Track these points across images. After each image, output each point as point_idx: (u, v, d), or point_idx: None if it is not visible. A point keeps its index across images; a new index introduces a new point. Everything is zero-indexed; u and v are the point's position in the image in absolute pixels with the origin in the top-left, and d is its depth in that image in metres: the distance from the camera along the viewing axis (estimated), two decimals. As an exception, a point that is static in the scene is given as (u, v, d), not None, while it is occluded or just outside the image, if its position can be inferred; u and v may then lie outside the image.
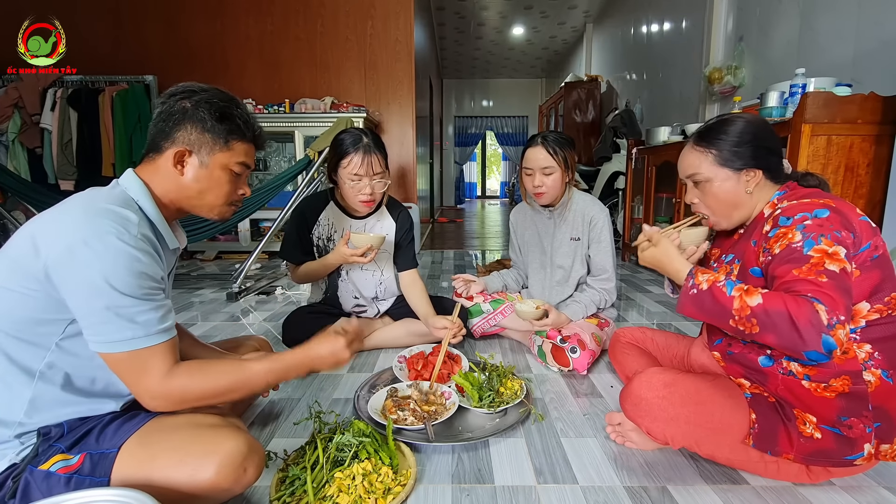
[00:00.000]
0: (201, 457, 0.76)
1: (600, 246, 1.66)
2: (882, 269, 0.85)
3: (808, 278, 0.78)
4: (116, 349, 0.74)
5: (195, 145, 0.86)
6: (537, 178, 1.60)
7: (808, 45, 2.57)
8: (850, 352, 0.86)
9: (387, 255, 1.75)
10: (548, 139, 1.59)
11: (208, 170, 0.87)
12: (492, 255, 4.15)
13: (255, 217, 3.72)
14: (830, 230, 0.82)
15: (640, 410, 0.93)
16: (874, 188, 1.86)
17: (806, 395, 0.89)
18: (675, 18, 4.13)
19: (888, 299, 0.86)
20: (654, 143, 3.19)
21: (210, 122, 0.85)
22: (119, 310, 0.73)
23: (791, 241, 0.83)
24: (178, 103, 0.85)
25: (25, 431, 0.77)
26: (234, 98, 0.91)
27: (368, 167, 1.51)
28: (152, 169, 0.87)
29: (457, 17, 6.94)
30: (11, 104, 3.64)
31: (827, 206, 0.86)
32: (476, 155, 12.92)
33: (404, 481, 0.95)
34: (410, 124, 4.28)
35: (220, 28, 4.09)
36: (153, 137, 0.87)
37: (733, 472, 1.02)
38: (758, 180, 0.97)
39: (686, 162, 1.03)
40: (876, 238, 0.86)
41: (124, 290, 0.73)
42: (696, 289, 0.88)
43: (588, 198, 1.71)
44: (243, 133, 0.90)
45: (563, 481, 1.00)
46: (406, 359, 1.52)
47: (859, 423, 0.86)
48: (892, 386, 0.86)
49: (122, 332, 0.74)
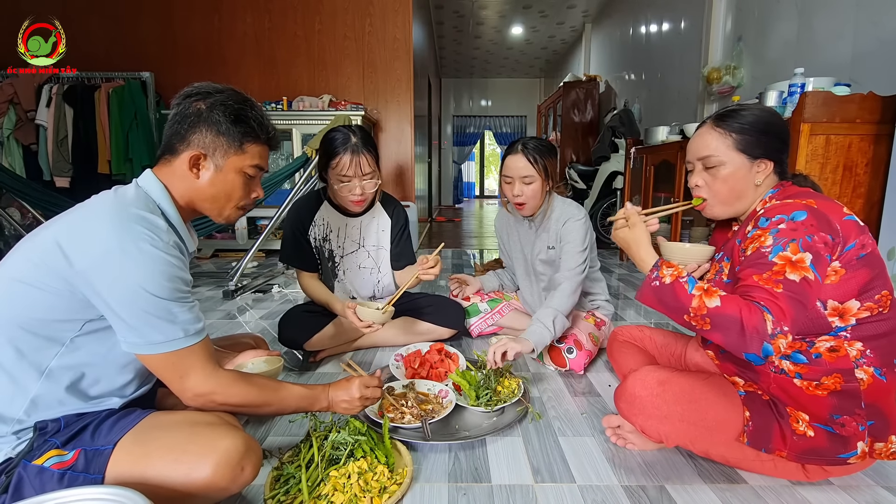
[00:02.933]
0: (198, 455, 0.75)
1: (567, 246, 1.54)
2: (871, 268, 0.85)
3: (766, 287, 0.81)
4: (159, 350, 0.77)
5: (210, 148, 0.86)
6: (517, 187, 1.53)
7: (806, 45, 2.57)
8: (840, 349, 0.86)
9: (384, 253, 1.73)
10: (528, 146, 1.51)
11: (223, 173, 0.88)
12: (489, 255, 4.14)
13: (251, 215, 3.71)
14: (802, 235, 0.82)
15: (634, 408, 0.93)
16: (873, 187, 1.86)
17: (798, 393, 0.90)
18: (673, 18, 4.13)
19: (879, 297, 0.85)
20: (653, 143, 3.19)
21: (225, 124, 0.85)
22: (159, 313, 0.76)
23: (762, 244, 0.85)
24: (192, 105, 0.85)
25: (23, 428, 0.76)
26: (250, 99, 0.91)
27: (357, 168, 1.47)
28: (169, 171, 0.87)
29: (456, 16, 6.92)
30: (6, 100, 3.61)
31: (808, 207, 0.85)
32: (474, 154, 12.91)
33: (400, 480, 0.94)
34: (409, 123, 4.26)
35: (217, 25, 4.07)
36: (168, 139, 0.86)
37: (732, 471, 1.01)
38: (768, 172, 0.96)
39: (702, 142, 0.99)
40: (863, 236, 0.85)
41: (162, 294, 0.75)
42: (658, 281, 0.90)
43: (568, 203, 1.61)
44: (257, 135, 0.90)
45: (560, 480, 0.99)
46: (403, 357, 1.51)
47: (852, 420, 0.86)
48: (885, 384, 0.86)
49: (164, 334, 0.77)
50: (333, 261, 1.69)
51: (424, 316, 1.74)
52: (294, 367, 1.58)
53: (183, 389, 0.81)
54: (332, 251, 1.68)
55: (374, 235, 1.71)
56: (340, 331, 1.65)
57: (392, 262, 1.75)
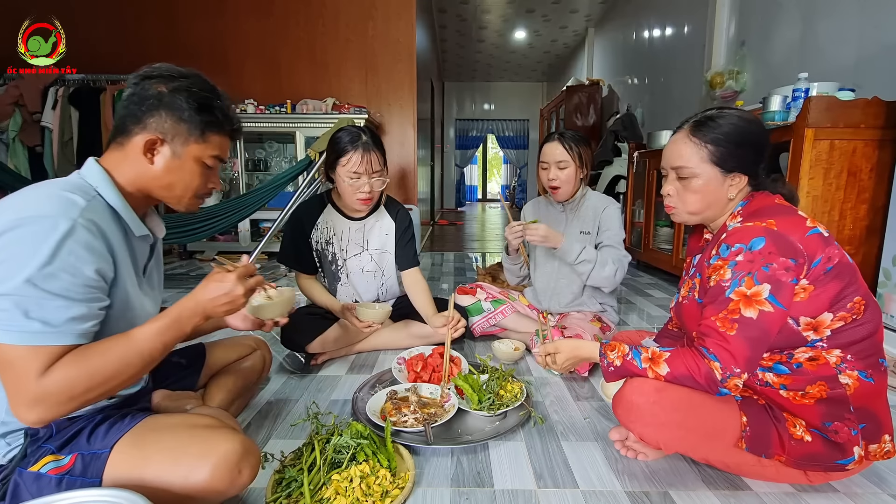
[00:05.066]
0: (196, 458, 0.75)
1: (611, 231, 1.67)
2: (840, 279, 0.84)
3: (720, 330, 0.85)
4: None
5: (169, 134, 0.80)
6: (552, 172, 1.65)
7: (809, 50, 2.57)
8: (820, 358, 0.87)
9: (388, 256, 1.73)
10: (564, 135, 1.66)
11: (180, 161, 0.82)
12: (491, 258, 4.14)
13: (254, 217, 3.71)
14: (759, 266, 0.83)
15: (631, 416, 0.93)
16: (877, 193, 1.85)
17: (787, 403, 0.90)
18: (676, 23, 4.13)
19: (851, 305, 0.85)
20: (656, 147, 3.19)
21: (188, 111, 0.81)
22: (19, 300, 0.65)
23: (721, 278, 0.88)
24: (153, 87, 0.80)
25: (9, 431, 0.75)
26: (216, 88, 0.86)
27: (367, 165, 1.49)
28: (119, 156, 0.81)
29: (458, 20, 6.95)
30: (12, 102, 3.64)
31: (767, 231, 0.84)
32: (477, 158, 12.93)
33: (402, 484, 0.93)
34: (411, 126, 4.27)
35: (221, 28, 4.10)
36: (122, 120, 0.81)
37: (736, 477, 1.01)
38: (741, 186, 0.95)
39: (676, 151, 0.98)
40: (829, 249, 0.85)
41: (36, 282, 0.65)
42: (612, 366, 0.97)
43: (601, 196, 1.75)
44: (222, 126, 0.85)
45: (563, 485, 0.99)
46: (405, 360, 1.51)
47: (843, 426, 0.86)
48: (872, 385, 0.86)
49: (9, 323, 0.65)
50: (336, 264, 1.69)
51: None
52: (296, 370, 1.57)
53: (15, 400, 0.67)
54: (335, 254, 1.68)
55: (378, 239, 1.71)
56: (343, 333, 1.64)
57: (396, 264, 1.75)
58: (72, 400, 0.68)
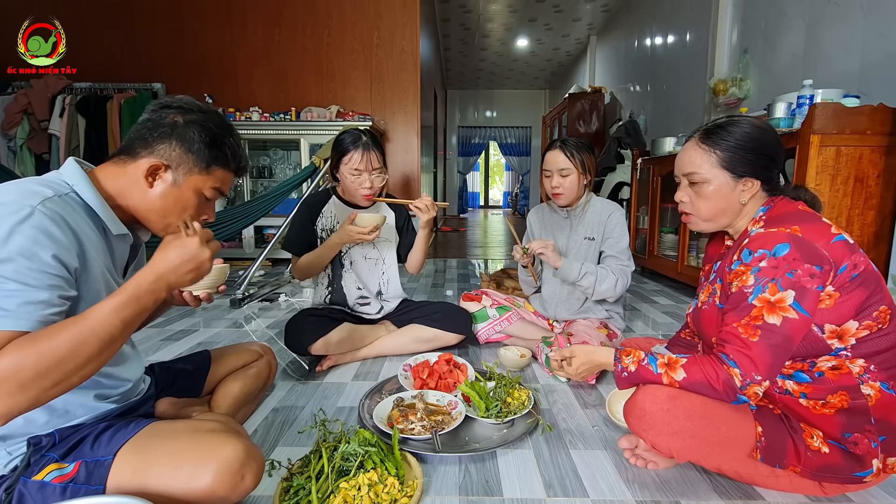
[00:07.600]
0: (198, 463, 0.74)
1: (613, 240, 1.68)
2: (866, 287, 0.83)
3: (742, 336, 0.84)
4: None
5: (174, 162, 0.82)
6: (555, 179, 1.66)
7: (813, 57, 2.58)
8: (842, 368, 0.85)
9: (388, 243, 1.79)
10: (567, 143, 1.67)
11: (179, 189, 0.83)
12: (494, 265, 4.13)
13: (259, 224, 3.73)
14: (783, 273, 0.82)
15: (643, 423, 0.91)
16: (884, 199, 1.85)
17: (806, 412, 0.89)
18: (679, 31, 4.16)
19: (877, 314, 0.84)
20: (660, 154, 3.19)
21: (198, 144, 0.82)
22: None
23: (744, 283, 0.86)
24: (169, 116, 0.82)
25: (8, 437, 0.74)
26: (231, 126, 0.88)
27: (367, 162, 1.61)
28: (118, 171, 0.82)
29: (462, 29, 7.01)
30: (21, 110, 3.68)
31: (791, 237, 0.84)
32: (479, 165, 12.97)
33: (411, 492, 0.92)
34: (415, 133, 4.30)
35: (228, 37, 4.14)
36: (131, 141, 0.82)
37: (748, 487, 0.99)
38: (754, 191, 0.95)
39: (687, 158, 0.99)
40: (855, 256, 0.84)
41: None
42: (626, 371, 0.96)
43: (605, 201, 1.76)
44: (228, 163, 0.87)
45: (573, 494, 0.97)
46: (411, 367, 1.50)
47: (863, 438, 0.85)
48: (894, 397, 0.84)
49: None
50: (341, 251, 1.74)
51: (432, 322, 1.74)
52: (300, 376, 1.57)
53: None
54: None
55: None
56: (346, 336, 1.64)
57: (399, 254, 1.84)
58: (24, 389, 0.60)
